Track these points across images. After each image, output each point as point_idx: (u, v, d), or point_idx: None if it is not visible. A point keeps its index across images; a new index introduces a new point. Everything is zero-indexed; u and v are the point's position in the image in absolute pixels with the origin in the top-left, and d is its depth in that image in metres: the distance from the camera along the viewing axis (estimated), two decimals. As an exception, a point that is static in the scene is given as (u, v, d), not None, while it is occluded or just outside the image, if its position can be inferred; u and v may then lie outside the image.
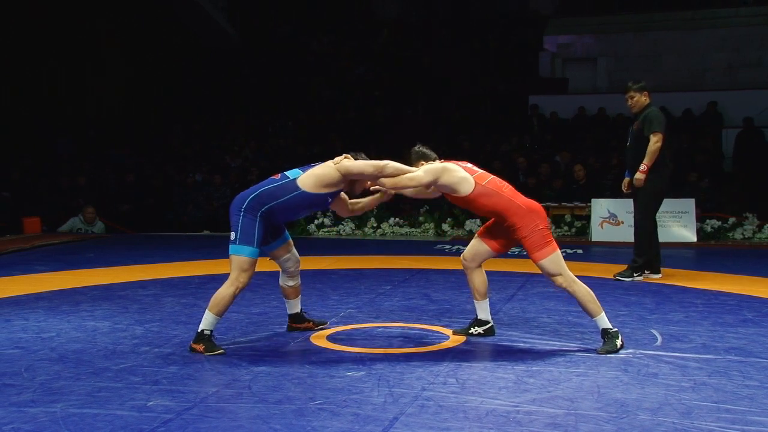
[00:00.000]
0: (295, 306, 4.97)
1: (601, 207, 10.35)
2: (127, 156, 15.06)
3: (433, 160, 4.68)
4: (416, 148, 4.73)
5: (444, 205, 11.55)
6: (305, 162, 4.93)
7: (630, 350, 4.49)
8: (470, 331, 4.89)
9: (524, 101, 16.61)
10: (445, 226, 11.13)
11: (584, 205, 10.79)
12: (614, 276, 7.05)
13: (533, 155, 13.79)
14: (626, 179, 7.23)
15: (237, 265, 4.41)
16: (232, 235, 4.41)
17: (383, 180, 4.52)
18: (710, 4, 17.70)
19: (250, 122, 17.03)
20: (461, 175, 4.51)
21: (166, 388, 3.78)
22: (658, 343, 4.69)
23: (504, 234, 4.65)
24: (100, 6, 16.56)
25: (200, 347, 4.40)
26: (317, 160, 4.71)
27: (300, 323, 4.99)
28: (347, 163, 4.47)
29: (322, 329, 5.01)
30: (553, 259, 4.45)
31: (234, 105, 17.77)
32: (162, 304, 5.96)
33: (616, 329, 4.51)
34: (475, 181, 4.52)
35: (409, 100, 17.34)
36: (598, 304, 4.49)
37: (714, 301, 6.03)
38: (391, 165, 4.50)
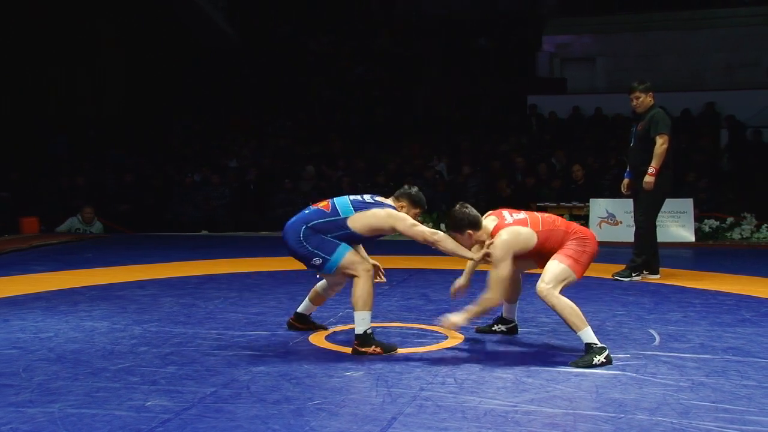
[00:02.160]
0: (308, 309, 5.00)
1: (599, 207, 10.36)
2: (126, 156, 15.06)
3: (480, 225, 4.44)
4: (459, 210, 4.44)
5: (442, 205, 11.56)
6: (304, 161, 4.93)
7: (628, 350, 4.49)
8: (493, 329, 4.93)
9: (523, 101, 16.62)
10: (443, 226, 11.12)
11: (582, 205, 10.80)
12: (612, 276, 7.05)
13: (532, 155, 13.80)
14: (626, 180, 7.20)
15: (350, 265, 4.40)
16: (317, 260, 4.41)
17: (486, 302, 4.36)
18: (709, 5, 17.72)
19: (250, 122, 17.04)
20: (523, 233, 4.35)
21: (165, 388, 3.78)
22: (656, 342, 4.70)
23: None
24: (100, 6, 16.55)
25: (377, 349, 4.33)
26: (317, 161, 4.71)
27: (302, 323, 5.01)
28: (402, 225, 4.41)
29: (320, 332, 5.02)
30: (563, 271, 4.28)
31: (233, 105, 17.78)
32: (160, 304, 5.95)
33: (601, 345, 4.21)
34: (534, 231, 4.38)
35: (409, 100, 17.34)
36: (582, 318, 4.23)
37: (712, 300, 6.04)
38: (449, 241, 4.44)
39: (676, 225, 10.05)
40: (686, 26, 17.59)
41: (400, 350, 4.52)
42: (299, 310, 5.02)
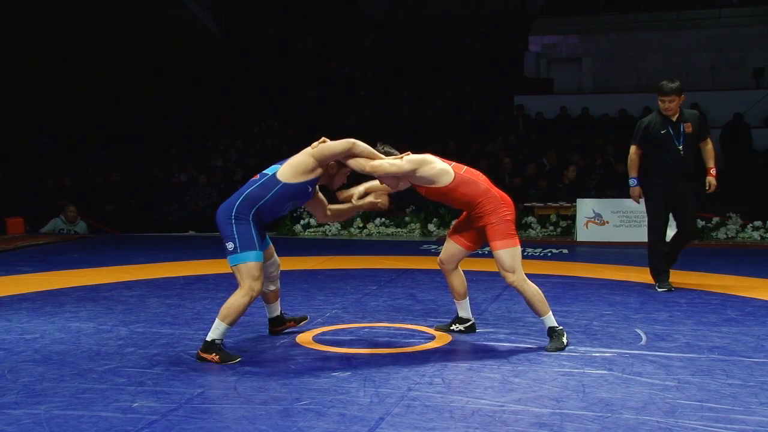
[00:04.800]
0: (275, 309, 4.90)
1: (586, 207, 10.39)
2: (111, 156, 14.98)
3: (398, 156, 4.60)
4: (380, 147, 4.61)
5: (430, 205, 11.57)
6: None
7: (615, 350, 4.52)
8: (451, 328, 4.97)
9: (510, 101, 16.67)
10: (431, 226, 11.14)
11: (569, 204, 10.84)
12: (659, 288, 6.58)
13: (519, 155, 13.83)
14: (638, 188, 6.62)
15: (246, 274, 4.26)
16: (230, 245, 4.27)
17: (363, 164, 4.44)
18: (694, 5, 17.83)
19: (237, 122, 16.99)
20: (441, 167, 4.53)
21: (151, 390, 3.76)
22: (643, 342, 4.72)
23: (474, 228, 4.69)
24: (86, 5, 16.45)
25: (215, 357, 4.22)
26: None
27: (280, 326, 4.92)
28: (321, 145, 4.44)
29: (304, 324, 5.00)
30: (512, 253, 4.47)
31: (220, 105, 17.73)
32: (147, 305, 5.93)
33: (561, 327, 4.57)
34: (454, 171, 4.54)
35: (395, 99, 17.35)
36: (546, 303, 4.54)
37: (698, 300, 6.07)
38: (360, 143, 4.45)
39: (662, 225, 10.09)
40: (671, 27, 17.68)
41: (388, 350, 4.52)
42: (269, 316, 4.92)
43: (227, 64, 19.04)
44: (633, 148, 6.62)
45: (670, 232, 6.78)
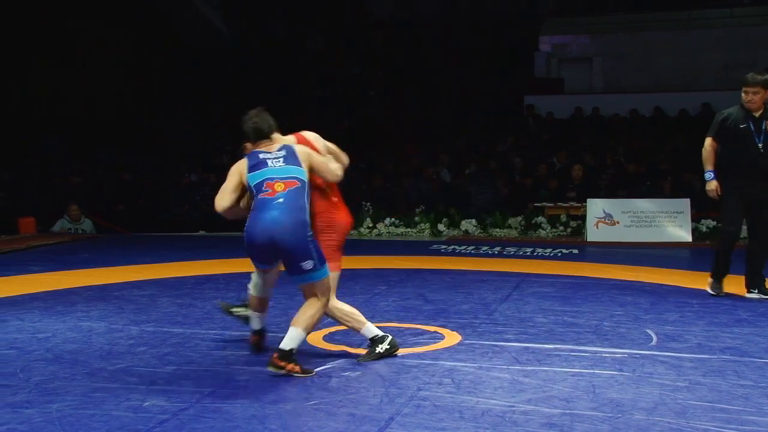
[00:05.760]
0: (263, 321, 4.63)
1: (596, 207, 10.37)
2: (120, 156, 15.03)
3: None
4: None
5: (439, 205, 11.57)
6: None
7: (625, 350, 4.50)
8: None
9: (520, 101, 16.64)
10: (441, 227, 11.13)
11: (579, 205, 10.81)
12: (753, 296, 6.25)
13: (529, 155, 13.80)
14: (714, 181, 6.16)
15: (328, 288, 4.17)
16: (309, 264, 4.04)
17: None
18: (704, 5, 17.75)
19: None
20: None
21: (162, 389, 3.78)
22: (654, 342, 4.71)
23: None
24: (92, 5, 16.49)
25: (295, 367, 4.00)
26: None
27: (264, 339, 4.64)
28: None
29: (317, 332, 4.97)
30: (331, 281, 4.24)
31: (228, 104, 17.75)
32: (158, 304, 5.95)
33: (383, 335, 4.35)
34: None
35: (404, 99, 17.34)
36: (359, 319, 4.36)
37: (709, 301, 6.05)
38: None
39: (673, 225, 10.07)
40: (682, 26, 17.61)
41: (398, 350, 4.51)
42: (256, 327, 4.59)
43: (236, 64, 19.06)
44: (708, 140, 6.19)
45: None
